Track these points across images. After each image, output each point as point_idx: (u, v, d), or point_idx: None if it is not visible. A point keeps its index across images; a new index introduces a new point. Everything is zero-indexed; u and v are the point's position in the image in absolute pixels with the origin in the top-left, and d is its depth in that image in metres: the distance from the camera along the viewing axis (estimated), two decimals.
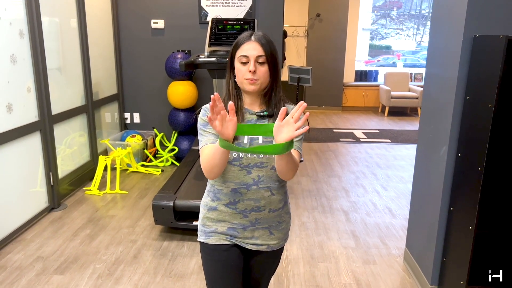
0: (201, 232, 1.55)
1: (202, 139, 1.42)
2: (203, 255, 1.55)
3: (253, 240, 1.50)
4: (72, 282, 2.51)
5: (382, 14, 23.81)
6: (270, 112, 1.44)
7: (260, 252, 1.53)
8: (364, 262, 2.80)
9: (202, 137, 1.43)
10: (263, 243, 1.51)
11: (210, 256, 1.51)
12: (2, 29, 2.83)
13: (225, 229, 1.49)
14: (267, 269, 1.61)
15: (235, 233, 1.49)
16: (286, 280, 2.57)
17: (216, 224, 1.50)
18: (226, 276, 1.50)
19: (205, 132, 1.42)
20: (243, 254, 1.53)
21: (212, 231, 1.51)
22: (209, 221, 1.51)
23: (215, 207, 1.50)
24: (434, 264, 2.34)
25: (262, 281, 1.63)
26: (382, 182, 4.38)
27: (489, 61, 1.85)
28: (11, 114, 2.94)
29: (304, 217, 3.47)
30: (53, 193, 3.48)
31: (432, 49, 2.47)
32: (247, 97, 1.45)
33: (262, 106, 1.46)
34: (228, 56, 1.48)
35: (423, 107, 2.59)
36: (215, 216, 1.50)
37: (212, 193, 1.51)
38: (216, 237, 1.50)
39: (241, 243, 1.50)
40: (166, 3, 4.73)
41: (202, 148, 1.40)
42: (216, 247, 1.50)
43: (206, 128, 1.43)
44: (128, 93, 4.99)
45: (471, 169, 1.99)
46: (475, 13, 1.99)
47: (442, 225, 2.27)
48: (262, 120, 1.44)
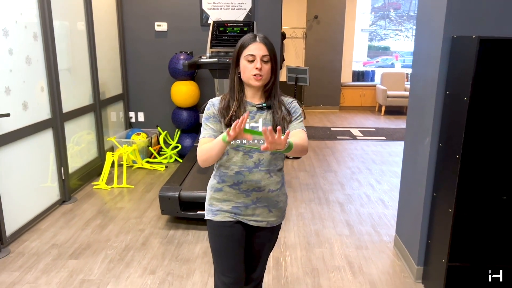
0: (208, 211, 1.75)
1: (203, 131, 1.63)
2: (210, 231, 1.75)
3: (254, 217, 1.70)
4: (86, 266, 2.72)
5: (381, 15, 24.03)
6: (268, 104, 1.65)
7: (260, 228, 1.74)
8: (357, 247, 3.01)
9: (203, 129, 1.64)
10: (263, 220, 1.72)
11: (216, 231, 1.72)
12: (19, 32, 3.04)
13: (230, 207, 1.69)
14: (267, 243, 1.81)
15: (239, 211, 1.69)
16: (284, 263, 2.78)
17: (222, 203, 1.70)
18: (230, 248, 1.71)
19: (206, 125, 1.63)
20: (245, 229, 1.73)
21: (218, 209, 1.71)
22: (216, 201, 1.72)
23: (221, 188, 1.70)
24: (420, 246, 2.54)
25: (262, 255, 1.83)
26: (376, 176, 4.59)
27: (465, 59, 2.06)
28: (26, 112, 3.15)
29: (301, 208, 3.68)
30: (64, 187, 3.69)
31: (416, 50, 2.68)
32: (249, 90, 1.65)
33: (262, 99, 1.67)
34: (229, 57, 1.70)
35: (409, 103, 2.80)
36: (220, 196, 1.70)
37: (218, 176, 1.71)
38: (221, 215, 1.70)
39: (244, 219, 1.70)
40: (169, 7, 4.94)
41: (202, 140, 1.61)
42: (222, 223, 1.70)
43: (208, 122, 1.63)
44: (133, 93, 5.20)
45: (450, 157, 2.20)
46: (453, 15, 2.20)
47: (426, 210, 2.48)
48: (260, 112, 1.65)
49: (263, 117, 1.64)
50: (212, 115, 1.64)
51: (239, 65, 1.63)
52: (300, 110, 1.69)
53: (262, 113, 1.65)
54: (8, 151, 2.94)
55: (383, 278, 2.63)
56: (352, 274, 2.67)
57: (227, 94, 1.67)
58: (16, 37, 3.00)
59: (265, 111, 1.65)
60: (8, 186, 2.93)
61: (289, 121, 1.65)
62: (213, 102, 1.67)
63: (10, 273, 2.62)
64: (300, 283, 2.56)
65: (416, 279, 2.59)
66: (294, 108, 1.68)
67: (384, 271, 2.71)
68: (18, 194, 3.07)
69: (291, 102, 1.70)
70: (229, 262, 1.72)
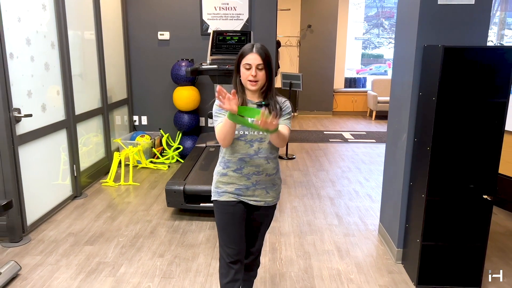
0: (214, 193, 2.06)
1: (217, 119, 1.94)
2: (216, 210, 2.06)
3: (254, 197, 2.02)
4: (101, 251, 3.02)
5: (374, 23, 24.48)
6: (266, 102, 1.97)
7: (259, 207, 2.05)
8: (345, 235, 3.33)
9: (217, 118, 1.94)
10: (261, 200, 2.04)
11: (222, 210, 2.03)
12: (39, 41, 3.36)
13: (233, 189, 2.01)
14: (264, 220, 2.12)
15: (241, 192, 2.01)
16: (279, 248, 3.09)
17: (226, 186, 2.02)
18: (233, 224, 2.02)
19: (220, 114, 1.93)
20: (246, 208, 2.05)
21: (223, 191, 2.02)
22: (221, 184, 2.03)
23: (226, 173, 2.01)
24: (399, 231, 2.87)
25: (261, 230, 2.14)
26: (365, 174, 4.92)
27: (433, 65, 2.40)
28: (44, 113, 3.46)
29: (295, 202, 4.00)
30: (76, 183, 3.99)
31: (395, 57, 3.03)
32: (249, 91, 1.98)
33: (260, 98, 1.99)
34: (228, 63, 2.02)
35: (390, 105, 3.14)
36: (225, 180, 2.02)
37: (223, 163, 2.03)
38: (226, 195, 2.01)
39: (245, 199, 2.02)
40: (171, 17, 5.29)
41: (217, 126, 1.91)
42: (226, 203, 2.01)
43: (220, 112, 1.94)
44: (137, 98, 5.53)
45: (423, 150, 2.54)
46: (424, 27, 2.55)
47: (404, 198, 2.81)
48: (260, 108, 1.97)
49: None
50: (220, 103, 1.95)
51: (240, 71, 1.95)
52: (290, 109, 2.01)
53: (261, 109, 1.97)
54: (29, 148, 3.24)
55: (367, 260, 2.95)
56: (340, 257, 2.99)
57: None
58: (37, 45, 3.33)
59: (263, 108, 1.97)
60: (28, 180, 3.23)
61: (281, 116, 1.97)
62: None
63: (33, 257, 2.92)
64: (294, 264, 2.87)
65: (397, 260, 2.91)
66: (285, 106, 2.00)
67: (368, 254, 3.03)
68: (36, 188, 3.37)
69: (284, 101, 2.03)
70: (233, 236, 2.03)
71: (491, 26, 10.20)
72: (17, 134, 3.07)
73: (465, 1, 2.51)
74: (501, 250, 3.09)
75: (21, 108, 3.10)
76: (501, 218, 3.68)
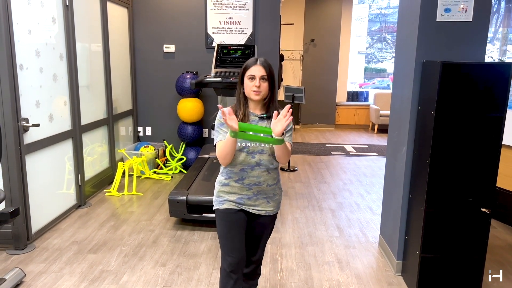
0: (216, 202, 2.11)
1: (218, 135, 2.00)
2: (217, 218, 2.11)
3: (255, 207, 2.07)
4: (104, 259, 3.06)
5: (378, 38, 24.67)
6: (268, 114, 2.03)
7: (260, 215, 2.10)
8: (346, 246, 3.36)
9: (218, 134, 2.00)
10: (262, 209, 2.08)
11: (223, 217, 2.07)
12: (49, 53, 3.45)
13: (235, 198, 2.06)
14: (265, 229, 2.16)
15: (242, 201, 2.06)
16: (280, 258, 3.13)
17: (228, 195, 2.07)
18: (234, 231, 2.06)
19: (221, 130, 2.00)
20: (247, 217, 2.09)
21: (225, 200, 2.07)
22: (223, 193, 2.08)
23: (228, 183, 2.06)
24: (399, 243, 2.90)
25: (262, 239, 2.18)
26: (366, 187, 4.96)
27: (432, 80, 2.47)
28: (51, 123, 3.53)
29: (296, 214, 4.03)
30: (81, 193, 4.05)
31: (395, 73, 3.09)
32: (252, 103, 2.04)
33: (262, 110, 2.05)
34: (232, 76, 2.09)
35: (390, 119, 3.20)
36: (227, 189, 2.07)
37: (225, 173, 2.08)
38: (227, 203, 2.06)
39: (247, 208, 2.07)
40: (177, 30, 5.40)
41: (218, 142, 1.98)
42: (228, 211, 2.06)
43: (222, 127, 2.01)
44: (142, 109, 5.62)
45: (422, 163, 2.58)
46: (423, 42, 2.62)
47: (404, 210, 2.85)
48: (262, 121, 2.03)
49: (264, 125, 2.02)
50: (224, 122, 2.00)
51: (243, 83, 2.02)
52: (291, 125, 2.07)
53: (263, 122, 2.03)
54: (35, 157, 3.31)
55: (367, 271, 2.98)
56: (340, 268, 3.01)
57: (235, 105, 2.06)
58: (46, 57, 3.42)
59: (266, 121, 2.03)
60: (34, 189, 3.29)
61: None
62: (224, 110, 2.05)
63: (37, 265, 2.96)
64: (294, 275, 2.90)
65: (396, 272, 2.93)
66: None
67: (368, 266, 3.05)
68: (41, 197, 3.42)
69: None
70: (233, 244, 2.07)
71: (493, 41, 10.31)
72: (25, 143, 3.14)
73: (463, 19, 2.58)
74: (500, 264, 3.11)
75: (29, 118, 3.17)
76: (501, 231, 3.70)
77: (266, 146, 2.00)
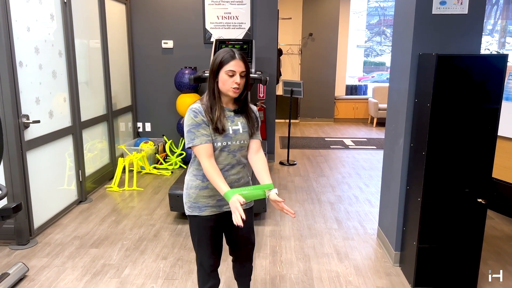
0: (194, 208, 1.95)
1: (195, 138, 1.81)
2: (195, 225, 1.99)
3: None
4: (106, 253, 3.10)
5: (377, 31, 24.58)
6: (242, 109, 1.96)
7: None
8: (344, 238, 3.40)
9: (195, 136, 1.81)
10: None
11: (204, 224, 1.96)
12: (48, 50, 3.47)
13: (215, 202, 1.97)
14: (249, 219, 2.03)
15: (222, 203, 1.98)
16: (279, 251, 3.16)
17: (208, 199, 1.94)
18: (215, 236, 2.02)
19: (198, 132, 1.81)
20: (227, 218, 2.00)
21: (205, 205, 1.95)
22: (203, 198, 1.94)
23: (206, 186, 1.93)
24: (397, 234, 2.94)
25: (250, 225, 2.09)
26: (365, 180, 4.99)
27: (428, 72, 2.49)
28: (52, 120, 3.56)
29: (295, 207, 4.07)
30: (82, 188, 4.08)
31: (392, 66, 3.12)
32: (225, 98, 1.93)
33: (235, 104, 1.97)
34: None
35: (388, 111, 3.23)
36: (207, 193, 1.94)
37: (201, 176, 1.93)
38: (209, 210, 1.96)
39: (226, 208, 1.99)
40: (175, 26, 5.41)
41: (200, 148, 1.80)
42: (209, 217, 1.96)
43: (199, 128, 1.81)
44: (141, 105, 5.64)
45: (419, 154, 2.61)
46: (419, 35, 2.64)
47: (402, 201, 2.88)
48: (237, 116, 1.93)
49: (240, 121, 1.95)
50: (201, 122, 1.83)
51: (218, 77, 1.85)
52: (259, 119, 2.05)
53: (239, 117, 1.95)
54: (36, 154, 3.34)
55: (366, 262, 3.02)
56: (339, 260, 3.05)
57: (206, 101, 1.89)
58: (45, 54, 3.44)
59: (240, 115, 1.96)
60: (35, 185, 3.32)
61: (256, 127, 1.99)
62: (198, 110, 1.85)
63: (40, 259, 3.00)
64: (293, 266, 2.94)
65: (394, 263, 2.97)
66: (257, 116, 2.03)
67: (367, 257, 3.09)
68: (43, 193, 3.46)
69: (256, 110, 2.06)
70: (215, 248, 2.04)
71: (493, 34, 10.30)
72: (26, 139, 3.16)
73: (459, 11, 2.60)
74: (497, 254, 3.15)
75: (30, 114, 3.20)
76: (498, 222, 3.74)
77: (245, 142, 1.96)
